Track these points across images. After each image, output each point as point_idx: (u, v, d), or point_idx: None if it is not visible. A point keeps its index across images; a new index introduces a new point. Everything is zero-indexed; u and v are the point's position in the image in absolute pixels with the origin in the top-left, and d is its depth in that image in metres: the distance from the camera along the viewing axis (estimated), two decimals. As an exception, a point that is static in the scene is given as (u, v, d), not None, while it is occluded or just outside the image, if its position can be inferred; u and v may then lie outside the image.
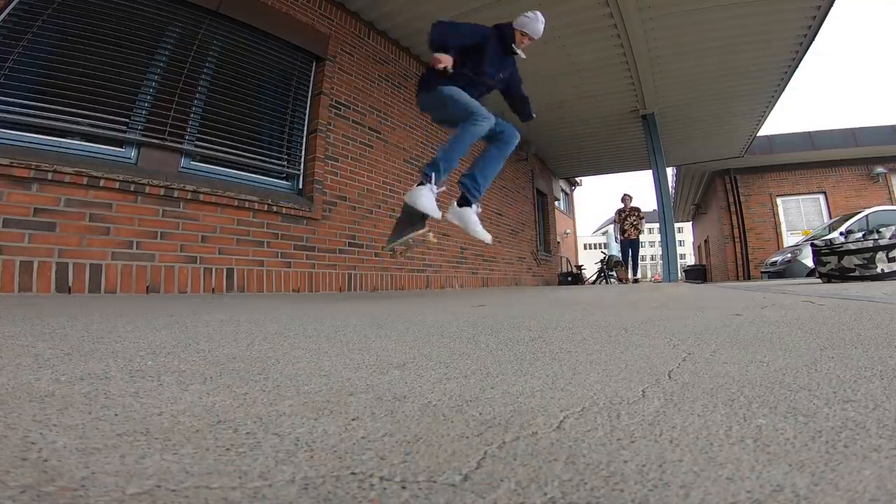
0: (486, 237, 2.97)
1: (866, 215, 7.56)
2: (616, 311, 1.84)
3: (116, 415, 0.52)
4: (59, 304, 1.77)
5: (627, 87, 6.58)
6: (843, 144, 10.33)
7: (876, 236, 4.45)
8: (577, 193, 17.71)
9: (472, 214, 2.86)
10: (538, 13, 2.95)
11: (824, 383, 0.64)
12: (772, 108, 7.52)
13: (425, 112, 3.13)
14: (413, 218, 2.77)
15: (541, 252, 9.70)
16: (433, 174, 2.65)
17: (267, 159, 3.71)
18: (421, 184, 2.69)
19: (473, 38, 2.76)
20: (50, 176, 2.37)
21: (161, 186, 2.83)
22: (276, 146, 3.83)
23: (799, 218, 11.21)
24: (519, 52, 2.99)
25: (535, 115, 3.41)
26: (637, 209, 8.54)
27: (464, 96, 2.70)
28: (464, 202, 2.86)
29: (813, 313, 1.50)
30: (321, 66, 4.16)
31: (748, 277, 10.84)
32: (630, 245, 8.54)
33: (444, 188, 2.74)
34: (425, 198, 2.64)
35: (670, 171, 11.70)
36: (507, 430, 0.48)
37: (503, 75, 2.99)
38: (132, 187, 2.70)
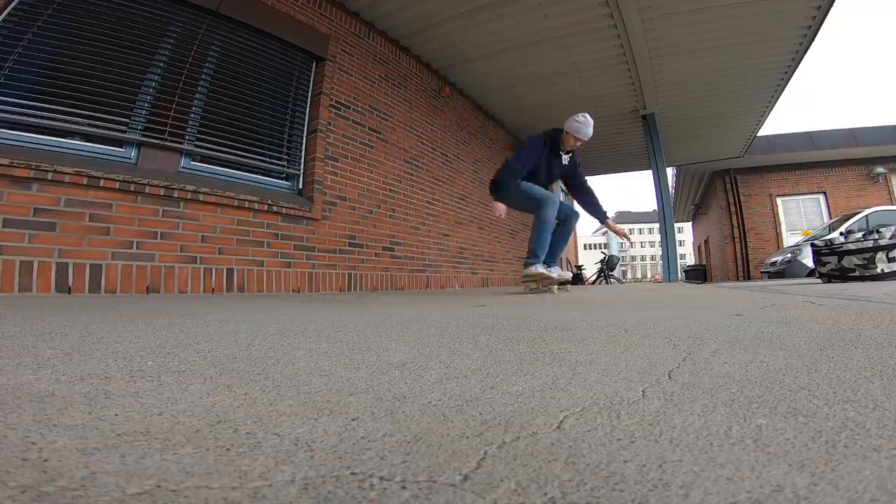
0: (568, 276, 3.69)
1: (866, 215, 7.56)
2: (616, 311, 1.84)
3: (116, 415, 0.52)
4: (59, 304, 1.77)
5: (627, 87, 6.58)
6: (843, 144, 10.33)
7: (876, 236, 4.44)
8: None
9: (556, 268, 3.54)
10: (587, 116, 3.38)
11: (824, 383, 0.64)
12: (772, 108, 7.52)
13: (505, 202, 3.68)
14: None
15: (541, 252, 9.68)
16: (536, 261, 3.38)
17: (267, 159, 3.71)
18: (530, 264, 3.41)
19: (533, 160, 3.43)
20: (50, 176, 2.37)
21: (161, 186, 2.83)
22: (276, 146, 3.83)
23: (799, 218, 11.21)
24: (564, 156, 3.54)
25: (608, 216, 3.85)
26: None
27: (532, 187, 3.43)
28: (530, 261, 3.52)
29: (813, 313, 1.50)
30: (321, 66, 4.16)
31: (748, 277, 10.84)
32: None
33: (545, 267, 3.43)
34: (535, 268, 3.38)
35: (670, 171, 11.70)
36: (507, 430, 0.48)
37: (560, 170, 3.60)
38: (132, 187, 2.70)
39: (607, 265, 11.98)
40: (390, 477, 0.37)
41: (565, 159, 3.55)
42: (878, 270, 4.31)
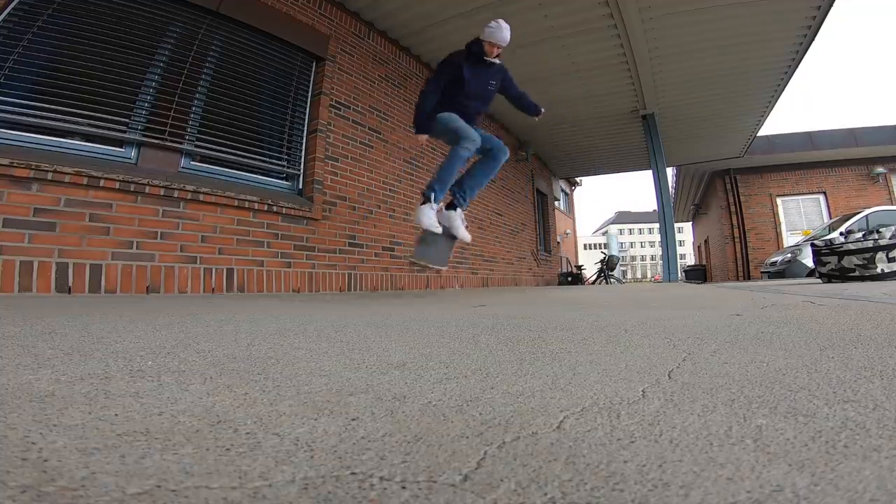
0: (467, 237, 3.31)
1: (866, 215, 7.56)
2: (616, 311, 1.84)
3: (116, 415, 0.52)
4: (59, 304, 1.77)
5: (627, 87, 6.58)
6: (843, 144, 10.33)
7: (876, 236, 4.45)
8: (577, 193, 17.73)
9: (457, 218, 3.19)
10: (500, 21, 3.13)
11: (824, 383, 0.64)
12: (772, 108, 7.52)
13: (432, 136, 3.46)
14: (426, 233, 3.12)
15: (541, 252, 9.70)
16: (432, 195, 3.03)
17: (267, 159, 3.71)
18: (423, 203, 3.06)
19: (447, 73, 3.10)
20: (50, 176, 2.37)
21: (161, 186, 2.82)
22: (276, 146, 3.83)
23: (799, 218, 11.21)
24: (493, 61, 3.21)
25: (542, 108, 3.62)
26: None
27: (454, 121, 3.06)
28: (450, 207, 3.19)
29: (813, 313, 1.50)
30: (321, 66, 4.16)
31: (748, 277, 10.84)
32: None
33: (443, 203, 3.10)
34: (426, 216, 3.02)
35: (670, 171, 11.70)
36: (507, 430, 0.48)
37: (491, 84, 3.28)
38: (132, 187, 2.70)
39: (607, 265, 11.99)
40: (390, 477, 0.37)
41: (492, 72, 3.23)
42: (878, 270, 4.31)
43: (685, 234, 37.50)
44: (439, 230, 3.07)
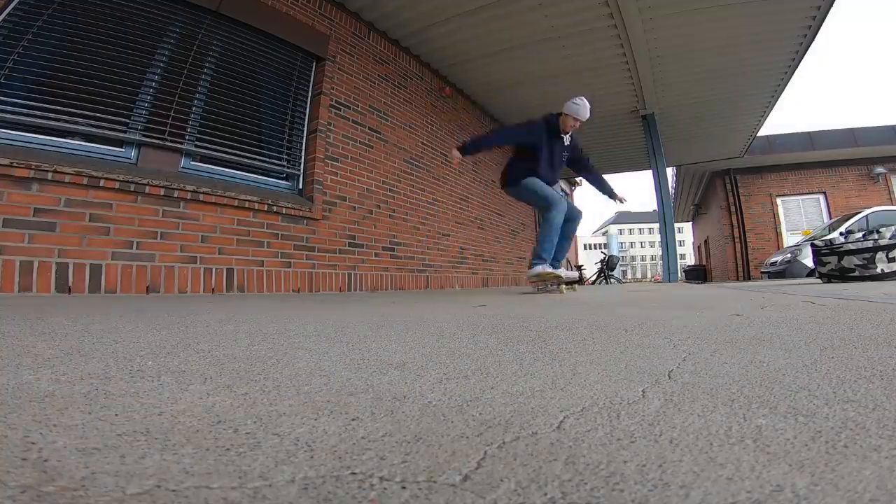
0: (575, 276, 3.74)
1: (866, 215, 7.56)
2: (616, 310, 1.84)
3: (116, 415, 0.52)
4: (59, 304, 1.77)
5: (627, 87, 6.58)
6: (843, 144, 10.33)
7: (876, 236, 4.45)
8: (577, 193, 17.70)
9: (535, 267, 3.54)
10: (584, 99, 3.44)
11: (824, 383, 0.64)
12: (772, 108, 7.51)
13: (514, 198, 3.85)
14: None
15: (541, 252, 9.68)
16: (541, 263, 3.41)
17: (267, 159, 3.71)
18: (536, 265, 3.44)
19: (528, 136, 3.47)
20: (50, 176, 2.37)
21: (161, 186, 2.82)
22: (276, 146, 3.83)
23: (799, 218, 11.21)
24: (565, 137, 3.57)
25: (616, 193, 3.95)
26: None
27: (543, 189, 3.45)
28: (536, 263, 3.57)
29: (813, 313, 1.50)
30: (321, 66, 4.16)
31: (748, 277, 10.83)
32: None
33: (550, 266, 3.46)
34: (542, 268, 3.41)
35: (670, 171, 11.69)
36: (507, 430, 0.48)
37: (565, 157, 3.66)
38: (132, 187, 2.70)
39: (607, 265, 11.99)
40: (390, 477, 0.37)
41: (566, 141, 3.61)
42: (878, 270, 4.31)
43: (685, 234, 37.51)
44: (564, 274, 3.48)
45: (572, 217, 3.64)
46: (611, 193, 3.94)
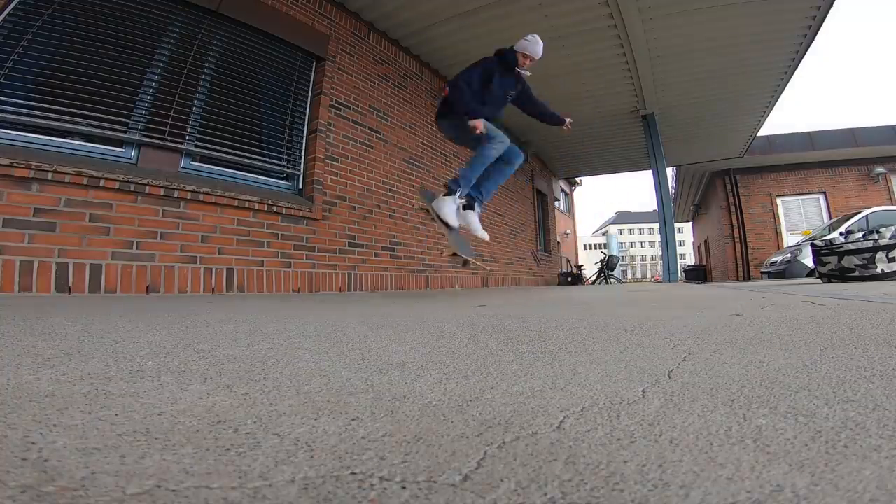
0: (485, 236, 3.43)
1: (866, 215, 7.56)
2: (616, 310, 1.84)
3: (116, 415, 0.52)
4: (59, 304, 1.77)
5: (627, 87, 6.58)
6: (843, 144, 10.34)
7: (876, 236, 4.45)
8: (577, 193, 17.73)
9: (474, 217, 3.27)
10: (536, 36, 3.27)
11: (824, 383, 0.64)
12: (772, 108, 7.52)
13: (447, 136, 3.54)
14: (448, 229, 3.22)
15: (541, 252, 9.70)
16: (457, 189, 3.10)
17: (267, 159, 3.71)
18: (446, 195, 3.12)
19: (480, 74, 3.19)
20: (50, 176, 2.37)
21: (161, 186, 2.82)
22: (276, 146, 3.83)
23: (799, 218, 11.21)
24: (523, 72, 3.32)
25: (563, 117, 3.70)
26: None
27: (484, 123, 3.10)
28: (468, 207, 3.25)
29: (813, 314, 1.50)
30: (321, 66, 4.16)
31: (748, 277, 10.83)
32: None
33: (464, 199, 3.20)
34: (448, 207, 3.09)
35: (670, 171, 11.69)
36: (507, 430, 0.48)
37: (513, 92, 3.39)
38: (132, 187, 2.70)
39: (607, 265, 12.00)
40: (390, 477, 0.37)
41: (513, 82, 3.33)
42: (878, 270, 4.31)
43: (685, 234, 37.50)
44: (456, 225, 3.16)
45: (510, 159, 3.26)
46: (559, 120, 3.67)
